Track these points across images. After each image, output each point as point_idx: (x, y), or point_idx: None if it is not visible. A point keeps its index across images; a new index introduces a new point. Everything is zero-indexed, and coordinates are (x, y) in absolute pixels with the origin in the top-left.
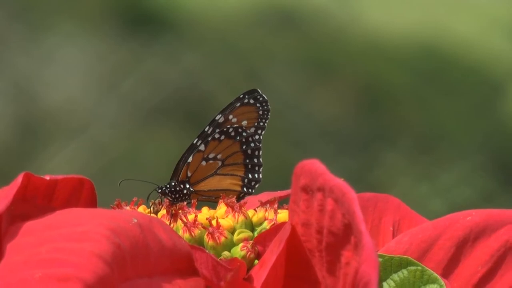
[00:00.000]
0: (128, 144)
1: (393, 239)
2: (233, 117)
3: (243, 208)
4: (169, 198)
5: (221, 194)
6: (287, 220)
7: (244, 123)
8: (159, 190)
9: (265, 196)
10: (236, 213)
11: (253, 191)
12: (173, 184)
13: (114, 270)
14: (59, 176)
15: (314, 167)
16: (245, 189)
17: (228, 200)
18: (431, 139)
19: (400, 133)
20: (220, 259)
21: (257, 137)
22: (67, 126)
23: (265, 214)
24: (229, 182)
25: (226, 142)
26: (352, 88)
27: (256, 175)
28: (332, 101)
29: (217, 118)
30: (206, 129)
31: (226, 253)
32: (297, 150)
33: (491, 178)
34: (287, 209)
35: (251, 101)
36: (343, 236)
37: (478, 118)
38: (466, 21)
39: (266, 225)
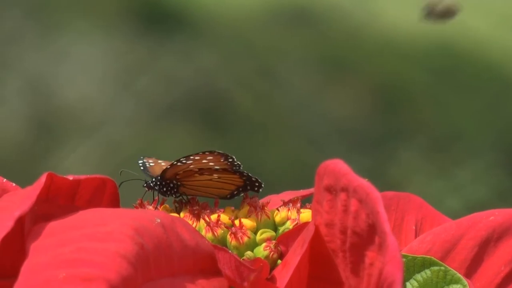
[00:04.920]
0: (143, 142)
1: (416, 238)
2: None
3: (265, 207)
4: (157, 191)
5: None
6: (310, 220)
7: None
8: (145, 185)
9: (287, 195)
10: (259, 213)
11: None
12: (158, 178)
13: (138, 270)
14: (82, 176)
15: (337, 167)
16: (240, 189)
17: (251, 200)
18: (446, 137)
19: (415, 131)
20: (243, 259)
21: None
22: (82, 124)
23: (288, 214)
24: (225, 184)
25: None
26: (367, 86)
27: (255, 189)
28: (347, 100)
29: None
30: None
31: (249, 253)
32: (312, 148)
33: (506, 176)
34: (309, 208)
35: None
36: (367, 236)
37: (492, 115)
38: (481, 18)
39: (289, 224)
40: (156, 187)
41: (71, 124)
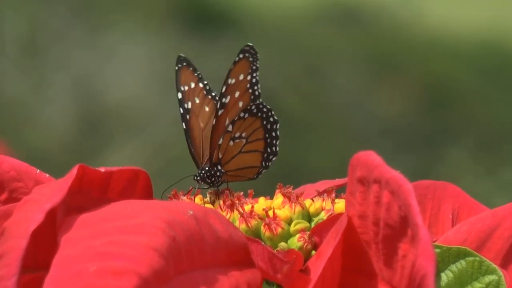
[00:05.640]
0: None
1: (452, 228)
2: (231, 79)
3: (300, 198)
4: (207, 183)
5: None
6: (344, 211)
7: (241, 77)
8: (198, 178)
9: (323, 184)
10: (293, 204)
11: (270, 164)
12: (207, 168)
13: (170, 263)
14: (114, 168)
15: (370, 159)
16: (263, 164)
17: (285, 191)
18: (494, 136)
19: (463, 130)
20: (276, 250)
21: (254, 80)
22: (128, 124)
23: (323, 204)
24: (252, 159)
25: (249, 119)
26: (415, 85)
27: (274, 149)
28: (395, 99)
29: (223, 91)
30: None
31: (283, 244)
32: (359, 148)
33: None
34: (344, 198)
35: (240, 56)
36: (400, 228)
37: None
38: None
39: (323, 215)
40: (207, 179)
41: (117, 124)
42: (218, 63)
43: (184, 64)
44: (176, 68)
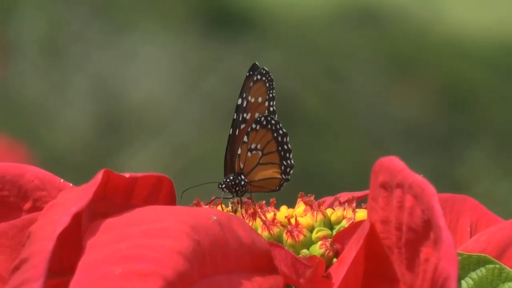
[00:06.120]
0: (209, 144)
1: (471, 238)
2: (251, 97)
3: (321, 206)
4: (232, 191)
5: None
6: (365, 219)
7: (260, 99)
8: (223, 185)
9: (343, 196)
10: (315, 212)
11: (290, 177)
12: (231, 177)
13: (194, 266)
14: (139, 174)
15: (393, 163)
16: (283, 176)
17: (307, 199)
18: None
19: (481, 131)
20: (299, 257)
21: (271, 109)
22: (149, 124)
23: (344, 213)
24: (272, 171)
25: (261, 131)
26: (434, 86)
27: (289, 162)
28: (413, 100)
29: (239, 103)
30: (234, 117)
31: (305, 251)
32: (377, 148)
33: None
34: (365, 208)
35: (259, 76)
36: (423, 232)
37: None
38: None
39: (344, 223)
40: (232, 187)
41: (137, 125)
42: (237, 64)
43: (255, 74)
44: (247, 74)
